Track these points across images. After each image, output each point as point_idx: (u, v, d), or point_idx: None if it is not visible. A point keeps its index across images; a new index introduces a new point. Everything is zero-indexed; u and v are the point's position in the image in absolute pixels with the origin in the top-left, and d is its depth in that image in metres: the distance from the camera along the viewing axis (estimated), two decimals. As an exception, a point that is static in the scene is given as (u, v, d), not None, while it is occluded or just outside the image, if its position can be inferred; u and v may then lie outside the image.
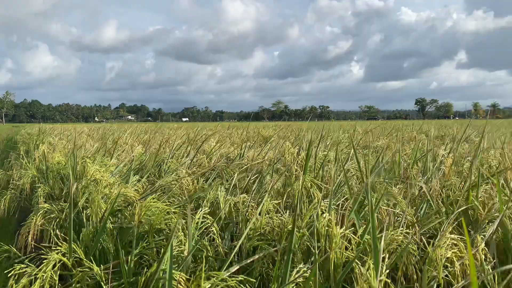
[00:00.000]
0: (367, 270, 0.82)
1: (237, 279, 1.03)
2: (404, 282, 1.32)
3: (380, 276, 0.86)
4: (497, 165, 2.37)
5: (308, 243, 1.39)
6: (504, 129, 8.81)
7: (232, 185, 1.82)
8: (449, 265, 1.15)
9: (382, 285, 0.84)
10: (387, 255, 1.34)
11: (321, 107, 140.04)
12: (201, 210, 1.42)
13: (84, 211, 2.02)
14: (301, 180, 1.87)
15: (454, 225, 1.57)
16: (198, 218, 1.40)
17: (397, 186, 1.96)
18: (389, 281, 0.88)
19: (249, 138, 6.23)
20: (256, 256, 1.31)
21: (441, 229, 1.23)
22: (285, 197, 1.86)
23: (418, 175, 2.43)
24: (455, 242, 1.18)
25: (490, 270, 1.19)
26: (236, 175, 1.90)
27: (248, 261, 1.30)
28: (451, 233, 1.47)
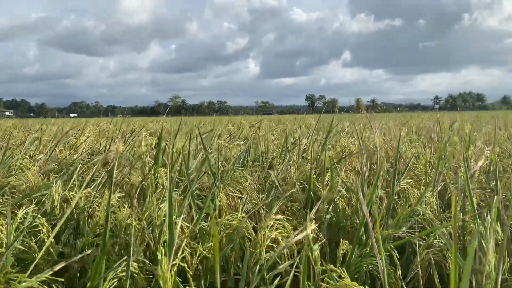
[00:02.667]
0: (163, 255, 0.80)
1: (41, 279, 0.94)
2: (241, 266, 1.34)
3: (174, 260, 0.85)
4: (343, 151, 2.58)
5: (147, 236, 1.34)
6: (377, 120, 9.74)
7: (74, 178, 1.68)
8: (275, 246, 1.18)
9: (175, 269, 0.83)
10: (225, 240, 1.35)
11: (219, 102, 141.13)
12: (24, 209, 1.28)
13: None
14: (152, 172, 1.80)
15: (294, 207, 1.65)
16: (21, 218, 1.26)
17: (255, 174, 2.01)
18: (185, 265, 0.87)
19: (132, 131, 5.95)
20: (83, 254, 1.21)
21: (271, 212, 1.27)
22: (138, 190, 1.78)
23: (282, 163, 2.53)
24: (281, 223, 1.23)
25: (317, 248, 1.26)
26: (78, 167, 1.76)
27: (74, 259, 1.20)
28: (288, 215, 1.53)
